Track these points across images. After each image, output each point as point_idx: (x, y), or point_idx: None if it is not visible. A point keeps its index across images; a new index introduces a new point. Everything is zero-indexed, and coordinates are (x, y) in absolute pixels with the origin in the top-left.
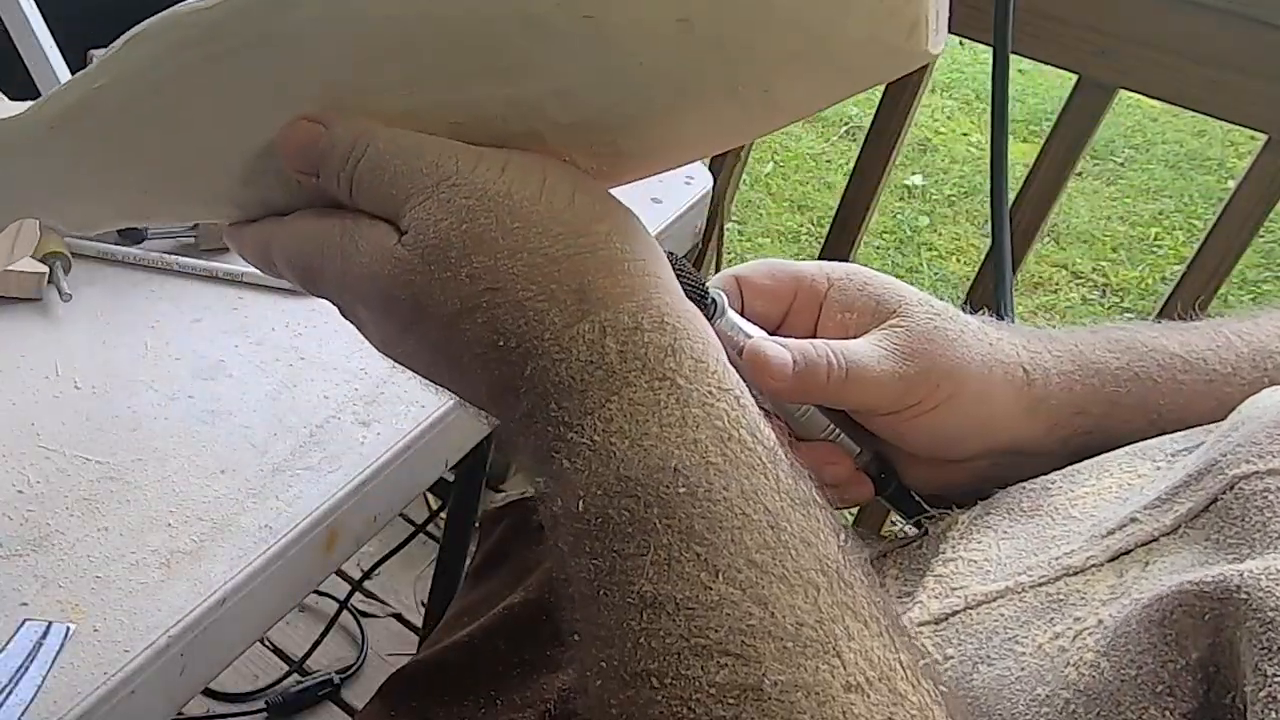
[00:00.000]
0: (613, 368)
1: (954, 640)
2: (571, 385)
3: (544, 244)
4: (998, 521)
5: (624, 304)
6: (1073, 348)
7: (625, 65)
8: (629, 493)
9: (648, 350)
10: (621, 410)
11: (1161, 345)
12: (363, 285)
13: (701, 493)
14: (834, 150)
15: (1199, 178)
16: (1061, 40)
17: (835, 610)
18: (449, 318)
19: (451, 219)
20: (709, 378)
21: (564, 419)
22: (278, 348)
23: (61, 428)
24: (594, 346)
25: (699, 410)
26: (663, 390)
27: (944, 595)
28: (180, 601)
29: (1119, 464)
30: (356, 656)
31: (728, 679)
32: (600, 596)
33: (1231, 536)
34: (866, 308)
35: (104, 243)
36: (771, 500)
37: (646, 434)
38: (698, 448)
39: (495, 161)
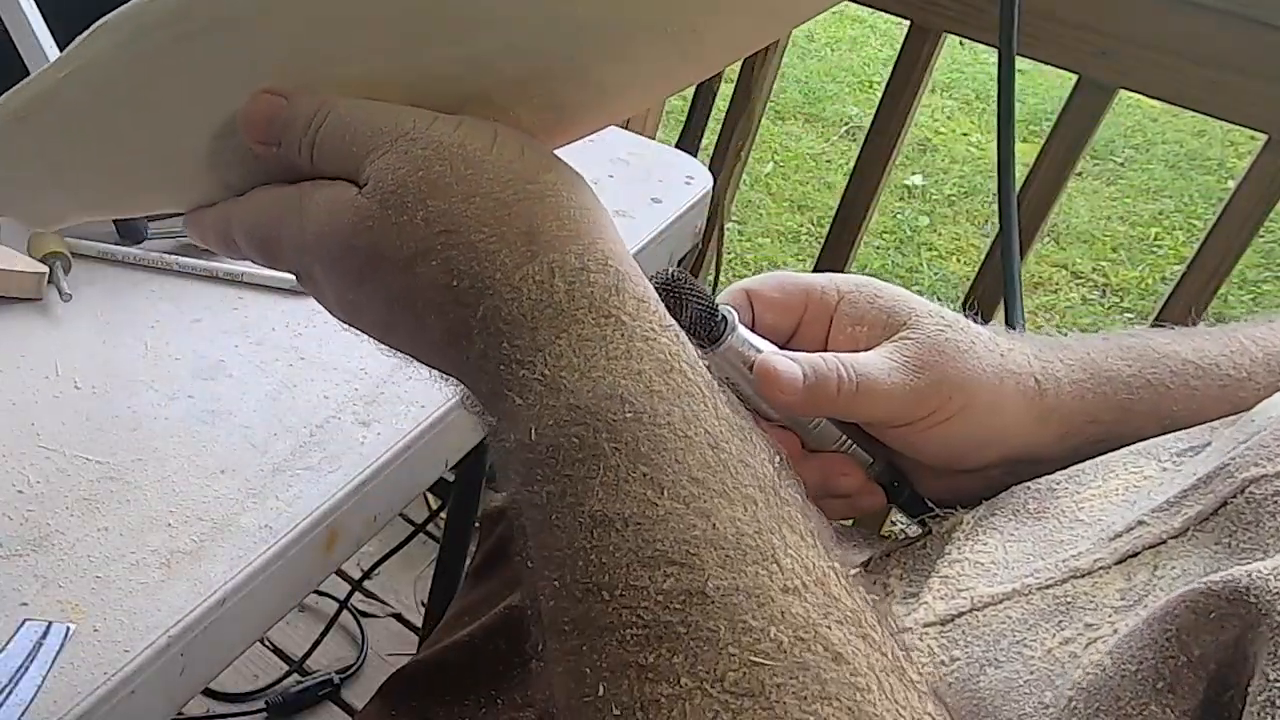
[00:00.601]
0: (561, 306)
1: (960, 642)
2: (522, 323)
3: (495, 189)
4: (1003, 523)
5: (570, 246)
6: (1084, 355)
7: (567, 11)
8: (578, 420)
9: (594, 290)
10: (570, 346)
11: (1174, 351)
12: (322, 240)
13: (646, 418)
14: (834, 150)
15: (1199, 178)
16: (1061, 40)
17: (772, 523)
18: (405, 261)
19: (408, 166)
20: (650, 316)
21: (516, 356)
22: (278, 348)
23: (61, 428)
24: (543, 286)
25: (642, 344)
26: (608, 327)
27: (950, 596)
28: (180, 601)
29: (1124, 464)
30: (356, 656)
31: (674, 586)
32: (552, 520)
33: (1244, 541)
34: (877, 320)
35: (104, 243)
36: (711, 424)
37: (594, 366)
38: (642, 378)
39: (450, 120)
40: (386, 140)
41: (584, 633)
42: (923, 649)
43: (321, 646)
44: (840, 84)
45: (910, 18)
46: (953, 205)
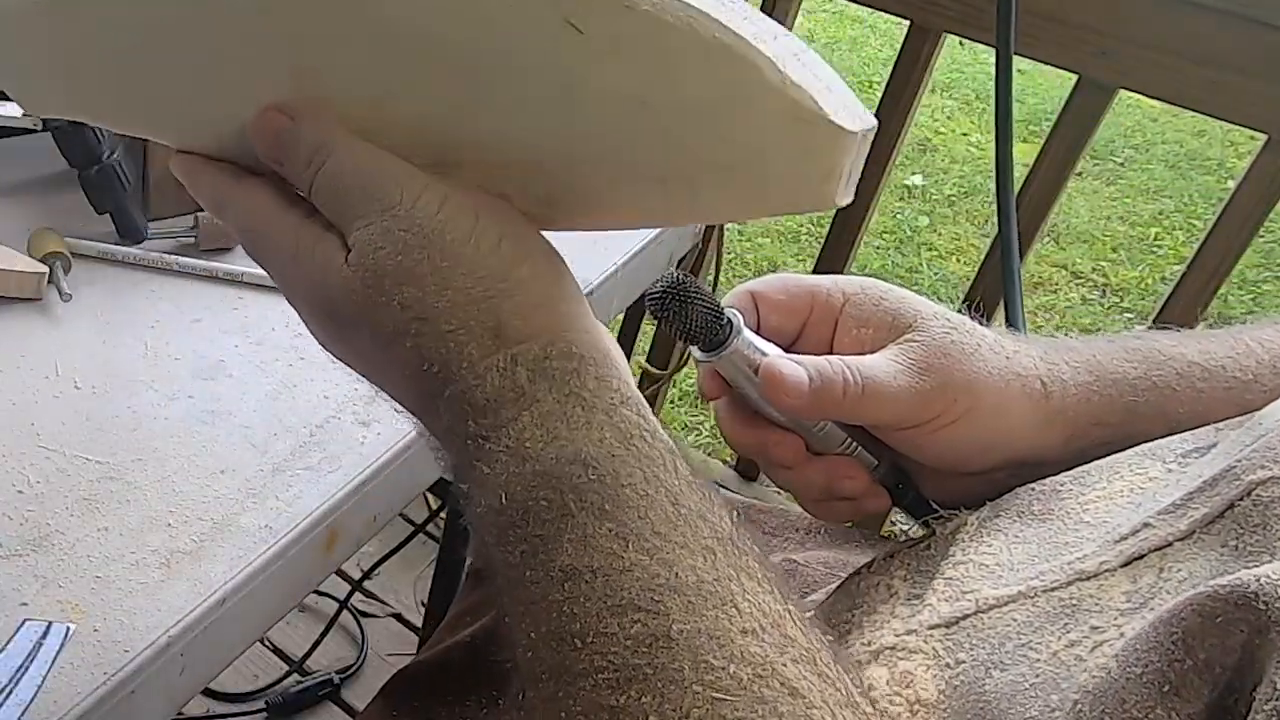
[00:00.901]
0: (523, 389)
1: (965, 644)
2: (486, 405)
3: (468, 284)
4: (1008, 525)
5: (535, 340)
6: (1090, 358)
7: (584, 127)
8: (545, 484)
9: (554, 373)
10: (533, 421)
11: (1179, 353)
12: (308, 298)
13: (609, 479)
14: None
15: (1199, 178)
16: (1061, 40)
17: (730, 570)
18: (383, 339)
19: (389, 248)
20: (611, 393)
21: (480, 433)
22: (278, 348)
23: (61, 428)
24: (505, 374)
25: (603, 416)
26: (569, 403)
27: (955, 599)
28: (180, 601)
29: (1129, 465)
30: (356, 656)
31: (640, 631)
32: (526, 576)
33: (1251, 544)
34: (882, 322)
35: (104, 243)
36: (670, 483)
37: (556, 436)
38: (604, 444)
39: (435, 196)
40: (374, 211)
41: (559, 680)
42: (927, 651)
43: (321, 646)
44: None
45: (910, 18)
46: (953, 205)
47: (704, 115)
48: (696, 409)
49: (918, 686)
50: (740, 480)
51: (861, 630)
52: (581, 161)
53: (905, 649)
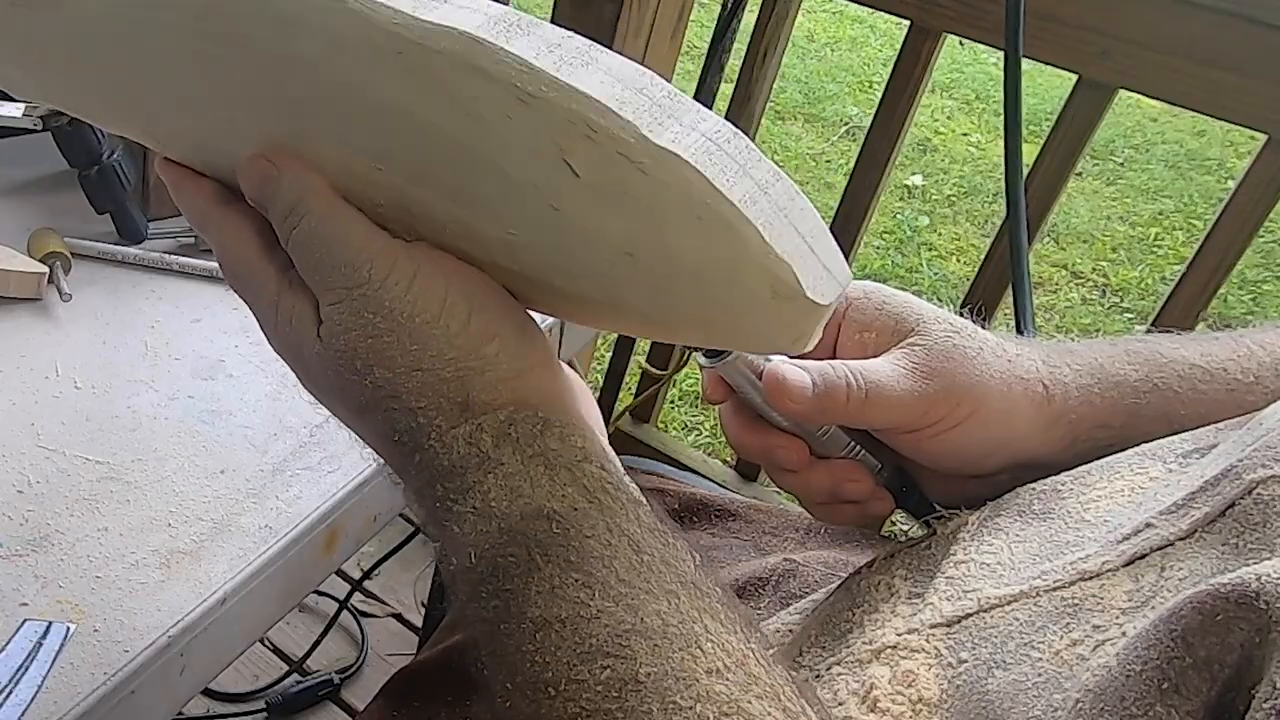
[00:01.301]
0: (487, 454)
1: (968, 644)
2: (452, 470)
3: (437, 365)
4: (1008, 524)
5: (501, 409)
6: (1092, 361)
7: (570, 254)
8: (512, 541)
9: (518, 437)
10: (497, 482)
11: (1181, 356)
12: (285, 350)
13: (574, 531)
14: (834, 150)
15: (1199, 178)
16: (1061, 40)
17: (694, 613)
18: (355, 408)
19: (359, 331)
20: (575, 451)
21: (449, 495)
22: None
23: (61, 428)
24: (470, 441)
25: (565, 473)
26: (532, 463)
27: (956, 598)
28: (180, 601)
29: (1129, 465)
30: (356, 656)
31: (610, 676)
32: (499, 630)
33: (1252, 542)
34: (885, 326)
35: (104, 243)
36: (634, 533)
37: (521, 494)
38: (567, 499)
39: (405, 274)
40: (343, 287)
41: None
42: (929, 651)
43: (321, 646)
44: (840, 84)
45: (910, 18)
46: (953, 205)
47: (688, 275)
48: (696, 409)
49: (920, 686)
50: (740, 480)
51: (862, 629)
52: (566, 281)
53: (907, 648)
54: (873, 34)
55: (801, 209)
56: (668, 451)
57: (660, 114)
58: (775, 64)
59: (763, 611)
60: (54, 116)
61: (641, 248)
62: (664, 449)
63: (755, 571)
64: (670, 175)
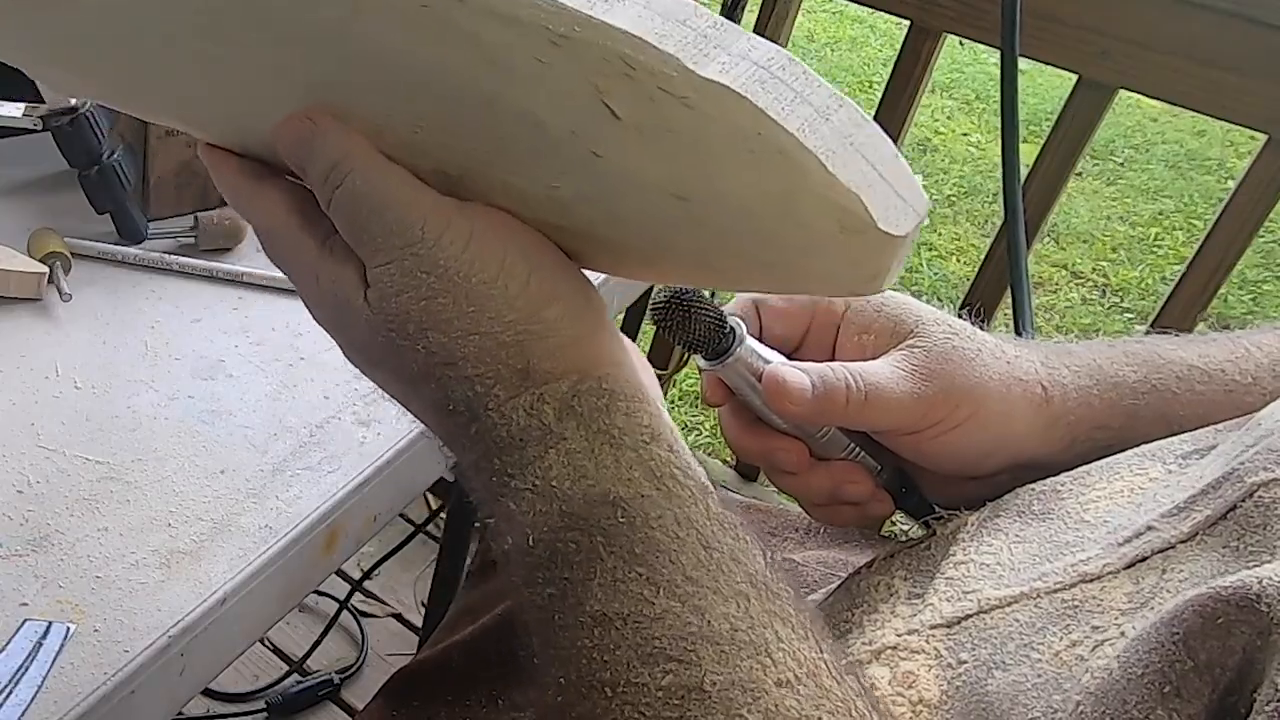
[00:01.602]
0: (549, 428)
1: (968, 644)
2: (511, 443)
3: (495, 329)
4: (1008, 524)
5: (563, 379)
6: (1090, 362)
7: (618, 203)
8: (573, 526)
9: (583, 411)
10: (559, 459)
11: (1179, 357)
12: (331, 322)
13: (639, 520)
14: None
15: (1199, 178)
16: (1061, 40)
17: (765, 617)
18: (407, 378)
19: (412, 293)
20: (642, 430)
21: (506, 469)
22: (278, 348)
23: (61, 428)
24: (531, 413)
25: (632, 454)
26: (597, 440)
27: (956, 599)
28: (180, 601)
29: (1129, 466)
30: (356, 656)
31: (673, 682)
32: (554, 620)
33: (1252, 544)
34: (884, 328)
35: (104, 243)
36: (703, 525)
37: (585, 475)
38: (633, 484)
39: (460, 233)
40: (394, 247)
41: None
42: (929, 652)
43: (321, 646)
44: (840, 84)
45: (910, 18)
46: (953, 205)
47: (746, 215)
48: (696, 409)
49: (920, 687)
50: (740, 480)
51: (862, 630)
52: (615, 231)
53: (907, 649)
54: (873, 34)
55: (869, 135)
56: None
57: (706, 45)
58: None
59: None
60: (54, 116)
61: (693, 189)
62: None
63: None
64: (717, 108)
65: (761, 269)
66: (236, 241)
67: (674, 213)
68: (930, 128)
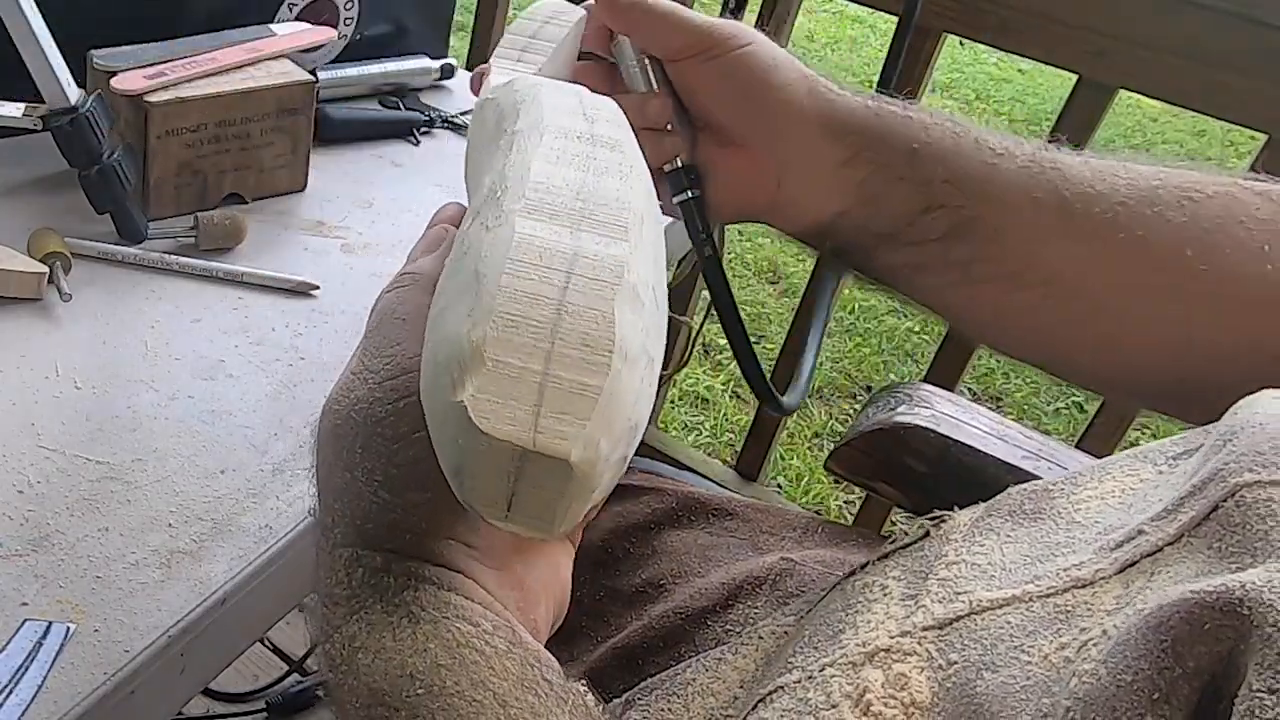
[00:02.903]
0: (355, 592)
1: (958, 645)
2: (331, 595)
3: (359, 478)
4: (1000, 524)
5: (382, 554)
6: (896, 111)
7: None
8: (379, 701)
9: (389, 587)
10: (361, 629)
11: (993, 142)
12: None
13: (437, 689)
14: None
15: None
16: (1061, 40)
17: None
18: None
19: (338, 403)
20: (445, 608)
21: (325, 626)
22: (278, 348)
23: (61, 428)
24: (348, 570)
25: (429, 628)
26: (396, 614)
27: (948, 600)
28: (180, 601)
29: (1120, 467)
30: None
31: None
32: None
33: (1233, 545)
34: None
35: (104, 243)
36: (499, 687)
37: (383, 648)
38: (428, 654)
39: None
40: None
41: None
42: (922, 653)
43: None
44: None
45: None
46: None
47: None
48: (696, 409)
49: (912, 689)
50: (740, 480)
51: (856, 630)
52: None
53: (900, 651)
54: (873, 34)
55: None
56: (668, 451)
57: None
58: None
59: (759, 610)
60: (54, 116)
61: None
62: (664, 449)
63: (752, 571)
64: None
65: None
66: (236, 241)
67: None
68: None
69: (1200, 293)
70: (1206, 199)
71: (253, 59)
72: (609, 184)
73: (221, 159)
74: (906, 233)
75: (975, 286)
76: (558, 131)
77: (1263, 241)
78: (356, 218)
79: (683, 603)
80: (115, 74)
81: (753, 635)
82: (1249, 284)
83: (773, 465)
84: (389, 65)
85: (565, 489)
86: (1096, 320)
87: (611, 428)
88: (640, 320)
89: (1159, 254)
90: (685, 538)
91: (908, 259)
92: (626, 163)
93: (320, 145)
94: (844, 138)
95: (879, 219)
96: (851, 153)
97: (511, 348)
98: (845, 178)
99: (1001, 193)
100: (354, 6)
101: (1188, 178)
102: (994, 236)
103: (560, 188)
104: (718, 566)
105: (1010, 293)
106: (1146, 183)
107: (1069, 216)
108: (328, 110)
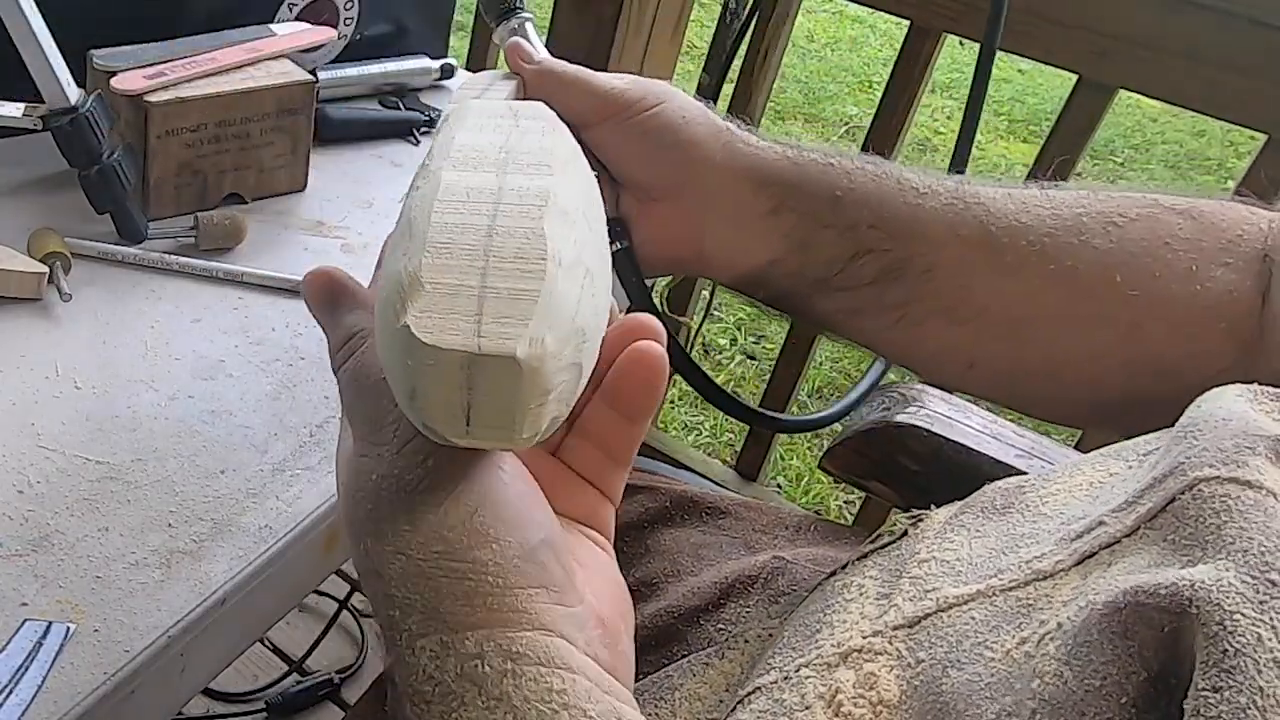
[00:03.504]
0: (449, 687)
1: (925, 643)
2: (419, 693)
3: (417, 554)
4: (971, 520)
5: (472, 633)
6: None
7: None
8: None
9: (487, 676)
10: None
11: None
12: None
13: None
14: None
15: (1199, 178)
16: (1062, 40)
17: None
18: (363, 570)
19: (362, 491)
20: (549, 695)
21: (417, 714)
22: (278, 348)
23: (61, 428)
24: (436, 662)
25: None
26: (499, 709)
27: (918, 598)
28: (180, 601)
29: (1092, 463)
30: (356, 656)
31: None
32: None
33: (1185, 537)
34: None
35: (104, 243)
36: None
37: None
38: None
39: (419, 450)
40: (364, 435)
41: None
42: (891, 652)
43: (321, 646)
44: (840, 84)
45: (910, 18)
46: None
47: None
48: (696, 409)
49: (880, 688)
50: (740, 480)
51: (832, 631)
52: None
53: (871, 650)
54: (873, 34)
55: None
56: (667, 451)
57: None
58: (775, 64)
59: (751, 609)
60: (54, 116)
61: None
62: (663, 448)
63: (744, 569)
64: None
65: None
66: (236, 241)
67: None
68: (930, 128)
69: (1132, 319)
70: (1130, 223)
71: (253, 59)
72: (531, 139)
73: (221, 159)
74: (838, 279)
75: (913, 327)
76: (482, 111)
77: (1189, 262)
78: (356, 218)
79: (675, 602)
80: (115, 74)
81: (740, 639)
82: (1179, 305)
83: (773, 465)
84: (389, 65)
85: (518, 389)
86: (1034, 351)
87: (555, 326)
88: (572, 234)
89: (1088, 282)
90: (678, 536)
91: (843, 304)
92: (549, 126)
93: (320, 145)
94: (766, 188)
95: (811, 266)
96: (775, 202)
97: (447, 270)
98: (773, 227)
99: (926, 231)
100: (354, 6)
101: (1110, 203)
102: (924, 276)
103: (484, 146)
104: (710, 565)
105: (946, 329)
106: (1070, 211)
107: (997, 251)
108: (328, 110)
